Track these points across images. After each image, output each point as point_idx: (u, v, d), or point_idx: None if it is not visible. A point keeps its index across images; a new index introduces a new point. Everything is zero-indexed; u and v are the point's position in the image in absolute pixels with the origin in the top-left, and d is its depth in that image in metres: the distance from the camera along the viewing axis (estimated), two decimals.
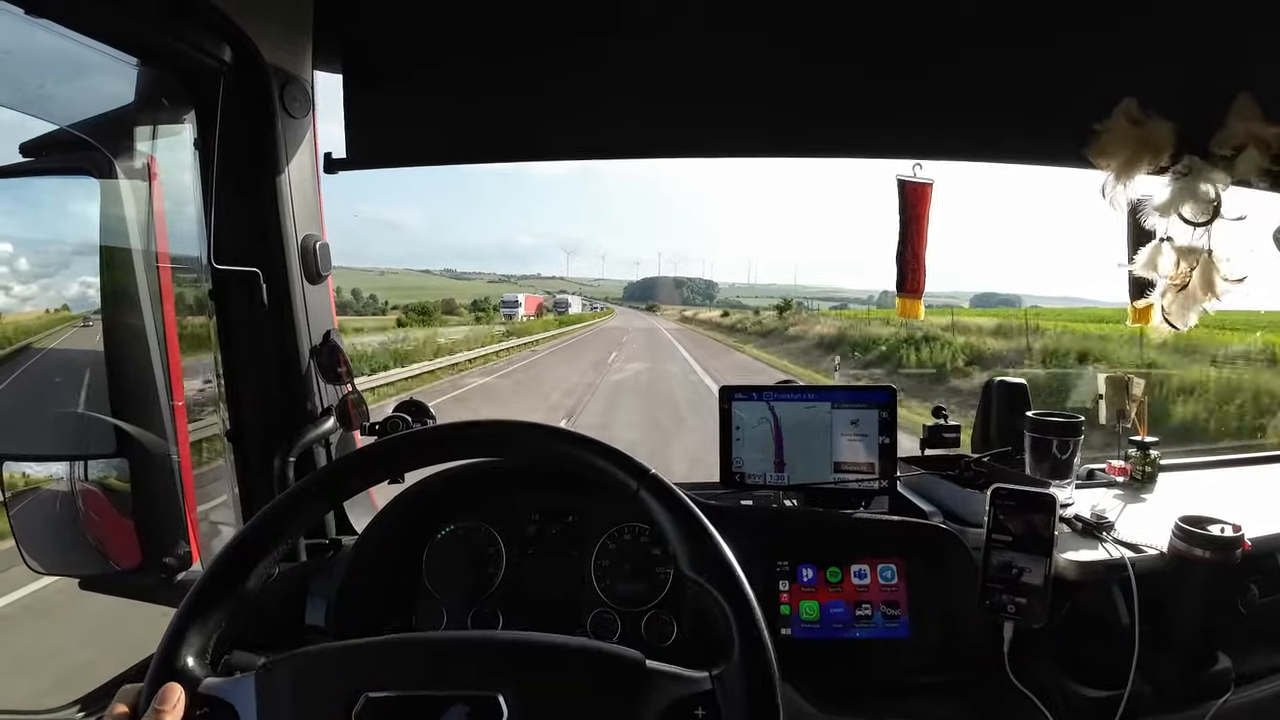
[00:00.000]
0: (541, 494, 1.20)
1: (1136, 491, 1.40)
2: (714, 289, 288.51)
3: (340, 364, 1.25)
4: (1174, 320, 1.33)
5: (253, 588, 0.66)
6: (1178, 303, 1.32)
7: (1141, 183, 1.28)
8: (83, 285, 1.17)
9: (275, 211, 1.18)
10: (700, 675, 0.61)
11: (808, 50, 1.30)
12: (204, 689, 0.60)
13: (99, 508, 1.18)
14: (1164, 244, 1.30)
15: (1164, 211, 1.28)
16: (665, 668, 0.61)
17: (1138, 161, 1.24)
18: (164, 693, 0.58)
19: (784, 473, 1.26)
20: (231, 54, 1.09)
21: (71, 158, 1.11)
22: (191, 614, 0.63)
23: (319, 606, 1.09)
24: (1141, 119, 1.22)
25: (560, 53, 1.30)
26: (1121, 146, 1.24)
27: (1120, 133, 1.23)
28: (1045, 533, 1.01)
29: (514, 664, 0.61)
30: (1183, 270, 1.29)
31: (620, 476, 0.71)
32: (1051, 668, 1.07)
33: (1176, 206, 1.26)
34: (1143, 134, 1.23)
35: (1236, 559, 1.01)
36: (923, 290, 1.42)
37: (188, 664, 0.61)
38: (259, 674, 0.60)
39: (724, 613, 0.63)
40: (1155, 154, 1.24)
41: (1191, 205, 1.26)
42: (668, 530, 0.68)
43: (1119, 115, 1.23)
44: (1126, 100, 1.23)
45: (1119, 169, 1.26)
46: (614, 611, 1.12)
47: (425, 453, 0.77)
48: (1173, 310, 1.33)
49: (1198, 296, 1.30)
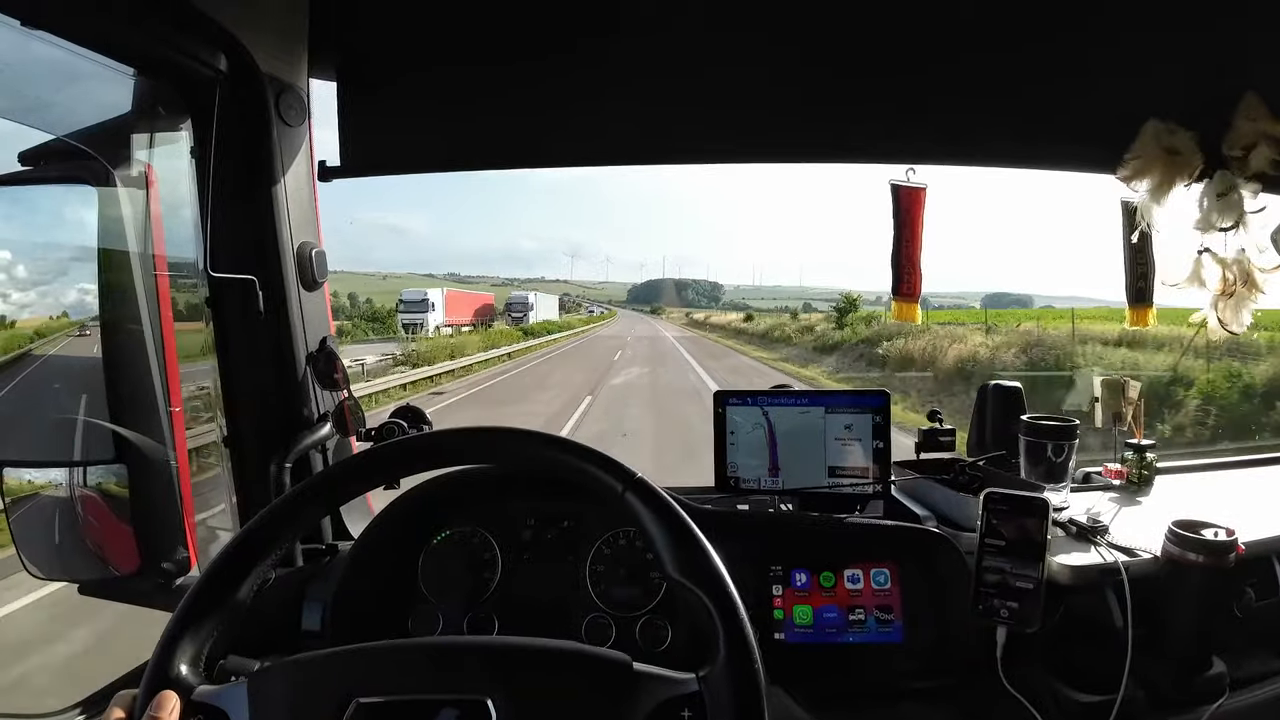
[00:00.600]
0: (537, 499, 1.20)
1: (1132, 495, 1.40)
2: (720, 290, 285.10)
3: (336, 370, 1.26)
4: (1231, 326, 1.35)
5: (245, 595, 0.66)
6: (1230, 308, 1.33)
7: (1174, 200, 1.29)
8: (80, 292, 1.18)
9: (271, 219, 1.19)
10: (686, 677, 0.61)
11: (805, 54, 1.30)
12: (197, 696, 0.60)
13: (98, 513, 1.18)
14: (1204, 256, 1.32)
15: (1204, 227, 1.29)
16: (651, 670, 0.61)
17: (1171, 181, 1.26)
18: (159, 700, 0.59)
19: (778, 477, 1.26)
20: (227, 63, 1.10)
21: (69, 167, 1.12)
22: (185, 621, 0.63)
23: (315, 611, 1.09)
24: (1169, 140, 1.23)
25: (555, 59, 1.30)
26: (1153, 170, 1.25)
27: (1152, 156, 1.24)
28: (1038, 537, 1.01)
29: (502, 668, 0.62)
30: (1228, 278, 1.31)
31: (606, 480, 0.71)
32: (1044, 673, 1.07)
33: (1214, 221, 1.27)
34: (1173, 157, 1.24)
35: (1230, 563, 1.00)
36: (919, 294, 1.43)
37: (181, 671, 0.61)
38: (251, 681, 0.61)
39: (709, 615, 0.63)
40: (1188, 171, 1.25)
41: (1223, 213, 1.27)
42: (653, 534, 0.68)
43: (1147, 137, 1.24)
44: (1151, 123, 1.23)
45: (1153, 191, 1.27)
46: (608, 616, 1.12)
47: (419, 459, 0.77)
48: (1228, 317, 1.34)
49: (1246, 296, 1.32)
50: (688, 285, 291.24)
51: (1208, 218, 1.27)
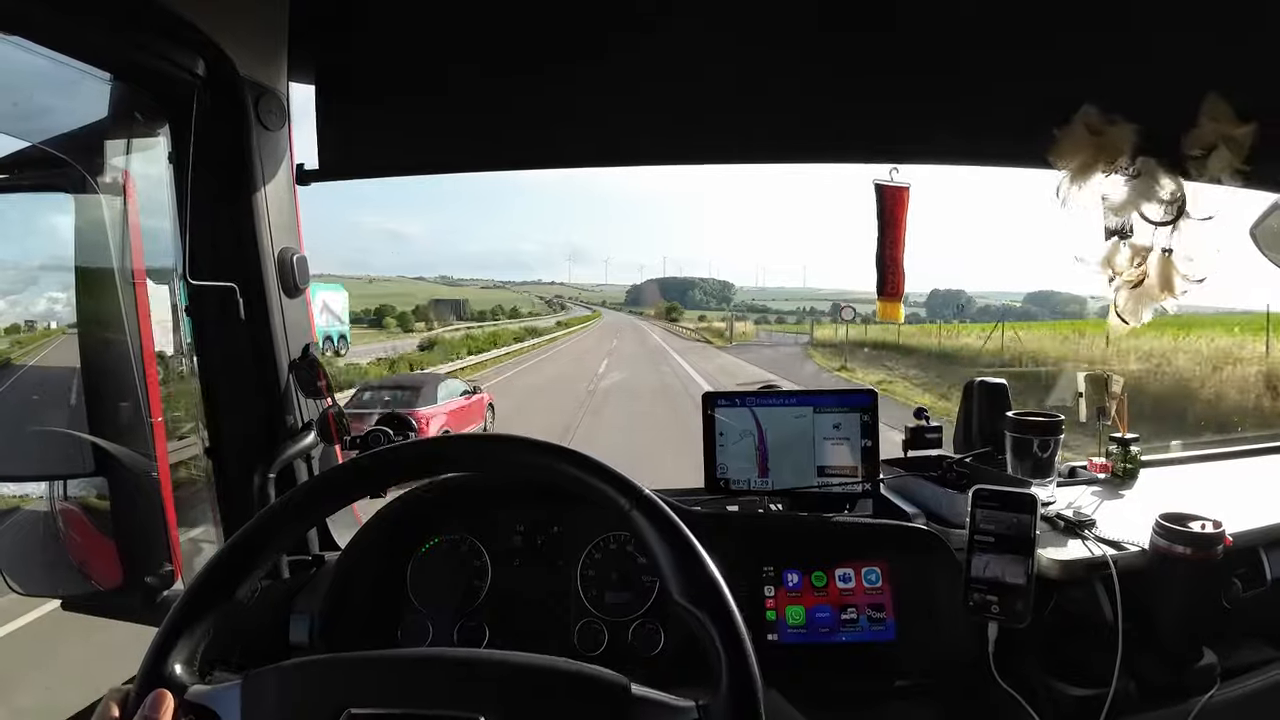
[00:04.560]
0: (526, 505, 1.19)
1: (1117, 488, 1.41)
2: (730, 290, 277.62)
3: (320, 378, 1.24)
4: (1126, 316, 1.36)
5: (243, 596, 0.66)
6: (1132, 299, 1.35)
7: (1098, 184, 1.29)
8: (55, 302, 1.17)
9: (251, 225, 1.17)
10: (686, 705, 0.59)
11: (786, 55, 1.29)
12: (190, 696, 0.60)
13: (79, 528, 1.17)
14: (1120, 241, 1.33)
15: (1119, 211, 1.30)
16: (650, 694, 0.60)
17: (1093, 164, 1.26)
18: (156, 700, 0.58)
19: (768, 478, 1.26)
20: (206, 68, 1.09)
21: (45, 174, 1.10)
22: (181, 620, 0.63)
23: (302, 624, 1.08)
24: (1100, 125, 1.24)
25: (534, 62, 1.29)
26: (1078, 150, 1.26)
27: (1077, 137, 1.25)
28: (1027, 532, 1.01)
29: (497, 685, 0.61)
30: (1139, 268, 1.32)
31: (611, 495, 0.70)
32: (1036, 667, 1.07)
33: (1134, 206, 1.28)
34: (1100, 139, 1.24)
35: (1218, 555, 1.01)
36: (902, 293, 1.43)
37: (175, 671, 0.61)
38: (244, 683, 0.60)
39: (713, 642, 0.62)
40: (1112, 156, 1.25)
41: (1153, 205, 1.28)
42: (659, 554, 0.67)
43: (1078, 121, 1.25)
44: (1086, 107, 1.24)
45: (1074, 172, 1.27)
46: (601, 622, 1.12)
47: (413, 467, 0.76)
48: (1126, 307, 1.36)
49: (1154, 294, 1.33)
50: (694, 285, 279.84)
51: (1129, 204, 1.28)
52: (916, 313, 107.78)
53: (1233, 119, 1.20)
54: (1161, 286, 1.31)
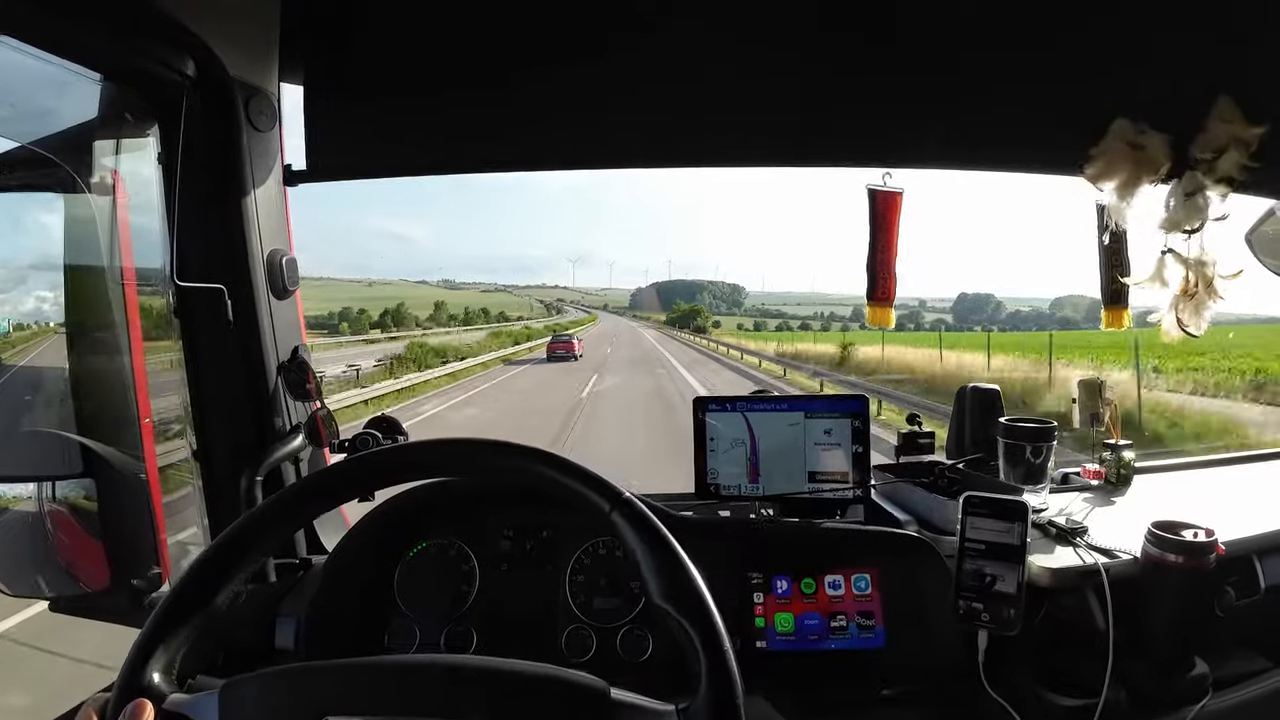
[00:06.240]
0: (515, 509, 1.19)
1: (1110, 495, 1.40)
2: (741, 294, 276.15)
3: (309, 381, 1.23)
4: (1190, 329, 1.34)
5: (222, 604, 0.65)
6: (1190, 309, 1.33)
7: (1144, 198, 1.29)
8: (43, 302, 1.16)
9: (240, 226, 1.17)
10: (666, 709, 0.59)
11: (786, 55, 1.28)
12: (169, 705, 0.59)
13: (67, 529, 1.16)
14: (1167, 256, 1.32)
15: (1170, 227, 1.29)
16: (630, 699, 0.60)
17: (1137, 180, 1.26)
18: (136, 709, 0.58)
19: (759, 483, 1.25)
20: (196, 68, 1.08)
21: (34, 175, 1.09)
22: (159, 628, 0.62)
23: (288, 628, 1.07)
24: (1136, 138, 1.23)
25: (528, 62, 1.29)
26: (1120, 168, 1.25)
27: (1117, 154, 1.24)
28: (1017, 540, 1.01)
29: (478, 691, 0.60)
30: (1190, 280, 1.31)
31: (592, 498, 0.69)
32: (1027, 676, 1.06)
33: (1180, 221, 1.27)
34: (1140, 154, 1.24)
35: (1211, 564, 1.00)
36: (893, 298, 1.43)
37: (154, 679, 0.60)
38: (222, 692, 0.60)
39: (693, 645, 0.62)
40: (1153, 170, 1.25)
41: (1189, 214, 1.27)
42: (640, 557, 0.66)
43: (1113, 137, 1.24)
44: (1119, 121, 1.23)
45: (1120, 189, 1.27)
46: (589, 628, 1.11)
47: (397, 471, 0.76)
48: (1187, 318, 1.34)
49: (1205, 301, 1.32)
50: (703, 288, 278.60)
51: (1174, 218, 1.27)
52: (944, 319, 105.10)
53: (1244, 121, 1.20)
54: (1209, 291, 1.30)
